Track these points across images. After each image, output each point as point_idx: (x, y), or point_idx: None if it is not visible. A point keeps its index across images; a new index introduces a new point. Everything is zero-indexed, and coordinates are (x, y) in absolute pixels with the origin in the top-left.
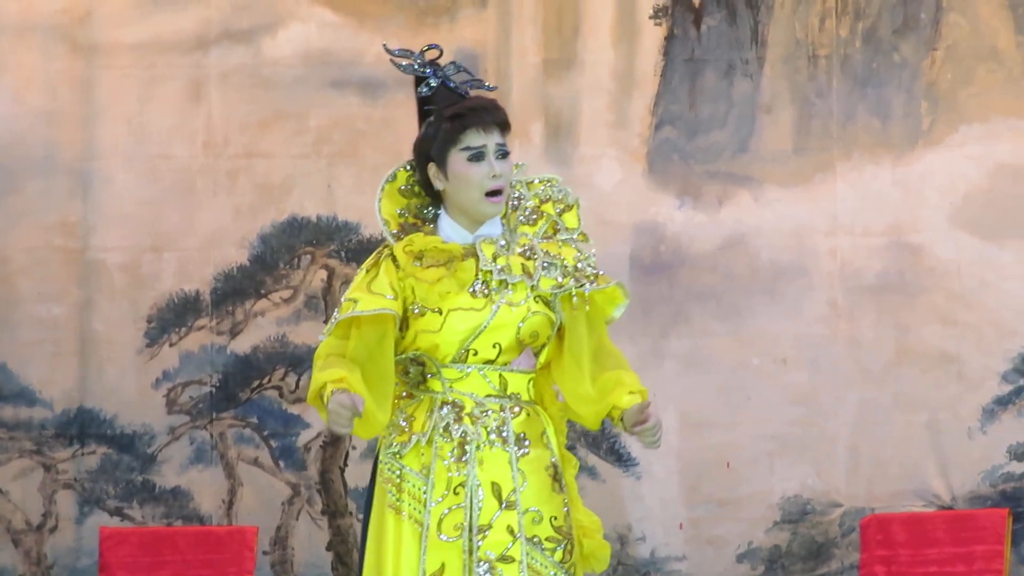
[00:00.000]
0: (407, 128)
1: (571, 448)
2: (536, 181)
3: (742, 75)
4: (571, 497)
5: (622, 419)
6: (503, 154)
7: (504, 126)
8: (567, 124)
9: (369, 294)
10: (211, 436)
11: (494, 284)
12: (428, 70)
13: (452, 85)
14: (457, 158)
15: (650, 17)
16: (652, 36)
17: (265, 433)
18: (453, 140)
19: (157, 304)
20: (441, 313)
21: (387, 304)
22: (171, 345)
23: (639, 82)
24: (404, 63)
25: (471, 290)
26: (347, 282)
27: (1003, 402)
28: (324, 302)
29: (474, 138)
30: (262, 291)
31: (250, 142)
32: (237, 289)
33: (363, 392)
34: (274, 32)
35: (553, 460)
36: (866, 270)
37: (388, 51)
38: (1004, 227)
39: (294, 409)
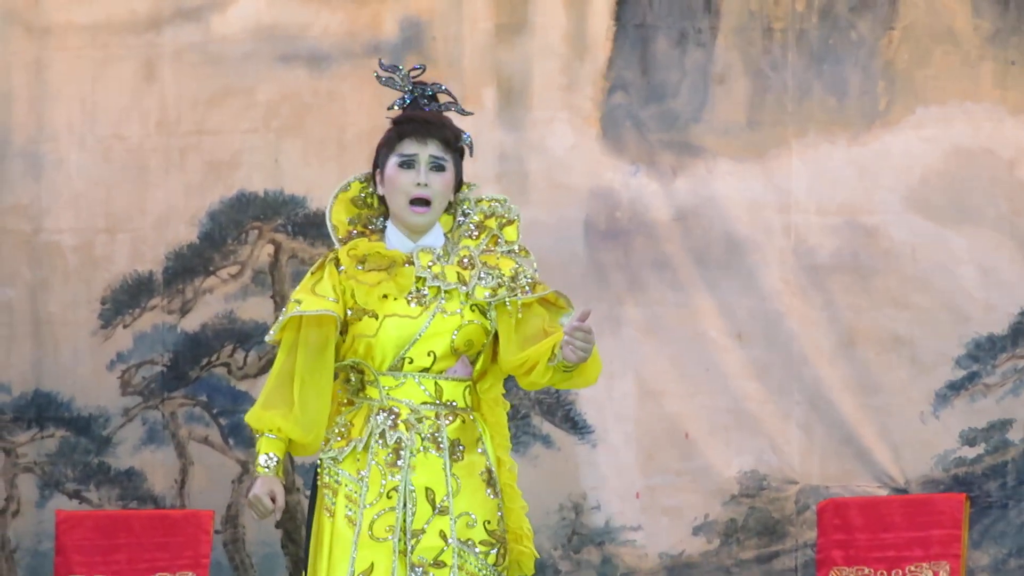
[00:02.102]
0: (352, 101)
1: (524, 416)
2: (484, 199)
3: (695, 44)
4: (508, 502)
5: (561, 347)
6: (437, 167)
7: (446, 141)
8: (519, 89)
9: (313, 296)
10: (163, 416)
11: (430, 294)
12: (408, 86)
13: (423, 104)
14: (391, 163)
15: None
16: (603, 0)
17: (215, 411)
18: (391, 146)
19: (111, 285)
20: (377, 318)
21: (329, 306)
22: (125, 326)
23: (591, 46)
24: (386, 76)
25: (408, 297)
26: (294, 256)
27: (956, 387)
28: (271, 276)
29: (409, 146)
30: (211, 268)
31: (200, 119)
32: (187, 267)
33: (294, 433)
34: (224, 8)
35: (488, 466)
36: (820, 248)
37: (380, 65)
38: (959, 211)
39: (242, 386)
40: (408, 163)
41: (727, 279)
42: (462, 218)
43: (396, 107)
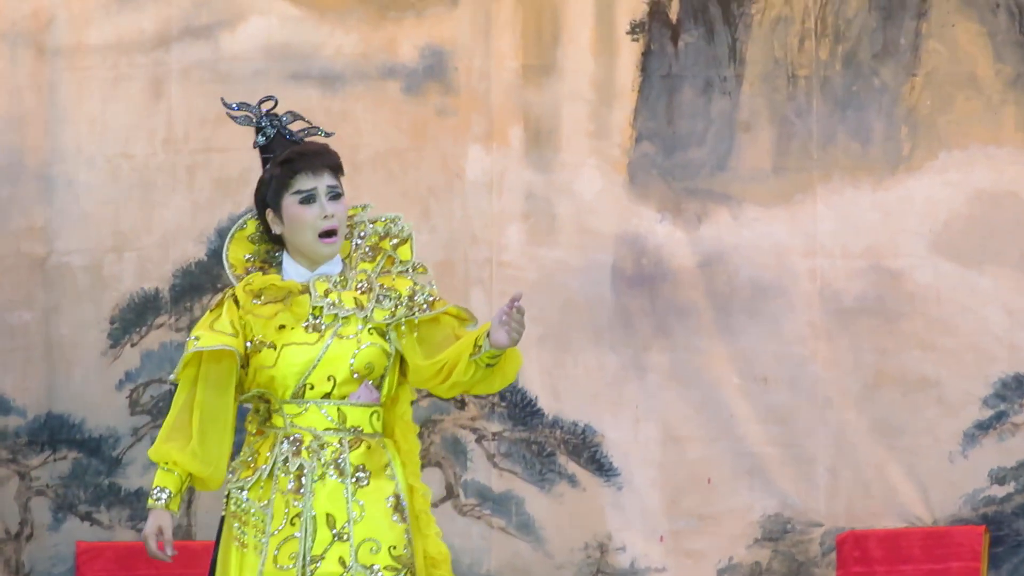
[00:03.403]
0: (366, 122)
1: (550, 454)
2: (380, 220)
3: (720, 92)
4: (420, 527)
5: (488, 337)
6: (335, 195)
7: (336, 168)
8: (547, 131)
9: (211, 332)
10: None
11: (326, 319)
12: (264, 120)
13: (287, 134)
14: (290, 202)
15: (627, 32)
16: (630, 51)
17: None
18: (285, 185)
19: (119, 304)
20: (276, 348)
21: (227, 341)
22: (132, 345)
23: (619, 94)
24: (240, 116)
25: (305, 325)
26: None
27: (984, 427)
28: None
29: (304, 182)
30: (219, 285)
31: (209, 136)
32: (195, 285)
33: (191, 466)
34: (234, 27)
35: (396, 491)
36: (845, 293)
37: (225, 105)
38: (983, 253)
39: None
40: (308, 198)
41: (752, 324)
42: (359, 240)
43: (259, 143)
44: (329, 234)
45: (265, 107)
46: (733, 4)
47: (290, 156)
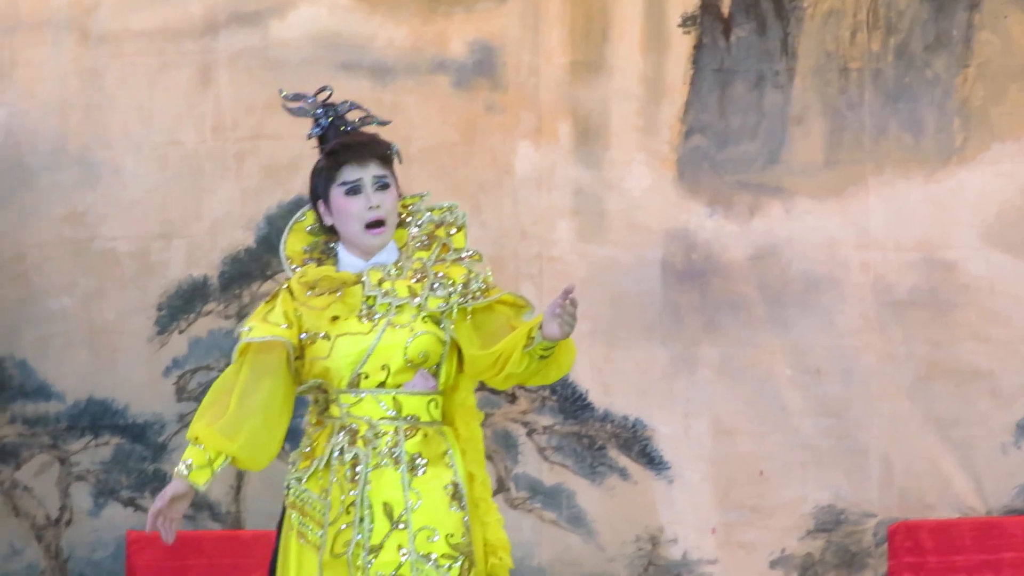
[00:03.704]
0: (418, 115)
1: (601, 448)
2: (436, 208)
3: (772, 86)
4: (480, 515)
5: (540, 328)
6: (382, 185)
7: (383, 158)
8: (596, 127)
9: (263, 323)
10: None
11: (380, 309)
12: (320, 110)
13: (342, 125)
14: (336, 193)
15: (679, 26)
16: (681, 45)
17: None
18: (332, 177)
19: (166, 291)
20: (330, 339)
21: (279, 332)
22: (180, 332)
23: (668, 90)
24: (294, 106)
25: (358, 315)
26: None
27: None
28: None
29: (350, 173)
30: (268, 272)
31: (257, 124)
32: (244, 272)
33: (215, 441)
34: (283, 14)
35: (454, 479)
36: (898, 285)
37: (282, 96)
38: None
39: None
40: (354, 189)
41: (804, 317)
42: (415, 229)
43: (314, 134)
44: (375, 225)
45: (321, 97)
46: None
47: (336, 147)
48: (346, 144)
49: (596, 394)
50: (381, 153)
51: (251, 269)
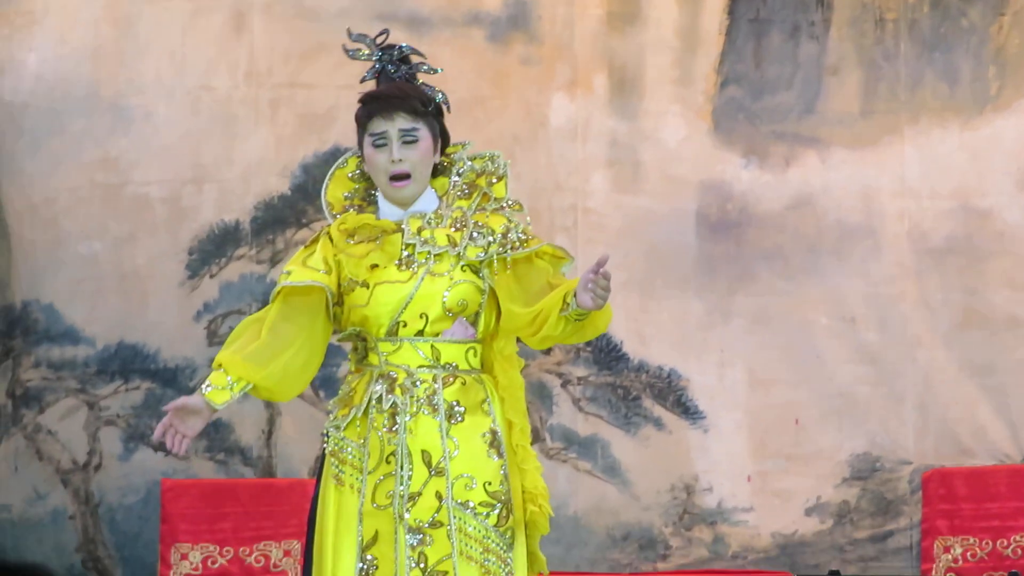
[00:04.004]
0: (453, 68)
1: (636, 398)
2: (478, 157)
3: (808, 36)
4: (519, 463)
5: (574, 295)
6: (409, 140)
7: (415, 112)
8: (631, 78)
9: (303, 268)
10: None
11: (419, 257)
12: (375, 54)
13: (391, 73)
14: (366, 144)
15: None
16: None
17: None
18: (363, 127)
19: (197, 236)
20: (368, 287)
21: (319, 278)
22: (211, 276)
23: (703, 40)
24: (352, 47)
25: (397, 263)
26: None
27: None
28: None
29: (377, 124)
30: (303, 220)
31: (293, 72)
32: (278, 218)
33: (243, 370)
34: None
35: (492, 427)
36: (934, 233)
37: (348, 35)
38: None
39: (333, 339)
40: (380, 142)
41: (839, 266)
42: (456, 178)
43: (367, 78)
44: (398, 178)
45: (379, 40)
46: None
47: (367, 97)
48: (376, 95)
49: (631, 345)
50: (411, 106)
51: (285, 216)
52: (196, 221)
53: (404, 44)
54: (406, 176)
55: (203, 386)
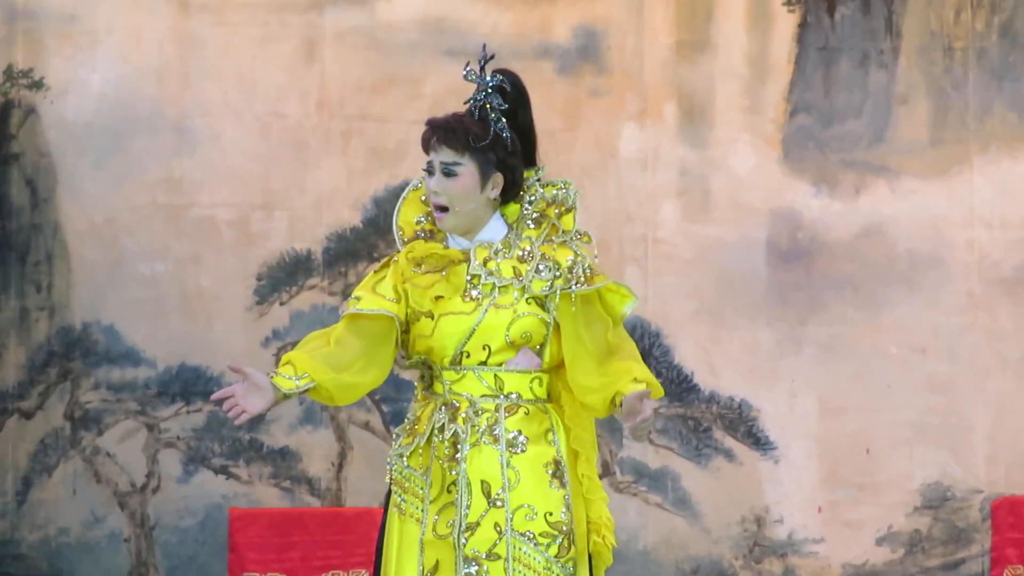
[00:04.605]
0: None
1: (706, 430)
2: (550, 185)
3: (877, 65)
4: (584, 493)
5: (621, 404)
6: (447, 172)
7: (458, 146)
8: (701, 107)
9: (372, 294)
10: None
11: (484, 288)
12: (480, 78)
13: (478, 98)
14: (423, 170)
15: (783, 4)
16: (785, 23)
17: (376, 397)
18: (425, 153)
19: (267, 262)
20: (433, 318)
21: (387, 306)
22: (281, 304)
23: (773, 68)
24: (466, 70)
25: (463, 294)
26: None
27: None
28: None
29: (429, 154)
30: (375, 254)
31: (364, 104)
32: (349, 250)
33: (310, 367)
34: None
35: (556, 457)
36: (1004, 263)
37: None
38: None
39: (406, 374)
40: (429, 170)
41: (909, 296)
42: (527, 207)
43: (466, 102)
44: (437, 209)
45: (479, 65)
46: None
47: (426, 125)
48: (429, 124)
49: (702, 375)
50: (454, 140)
51: (357, 248)
52: (265, 247)
53: (501, 76)
54: (444, 208)
55: (269, 373)
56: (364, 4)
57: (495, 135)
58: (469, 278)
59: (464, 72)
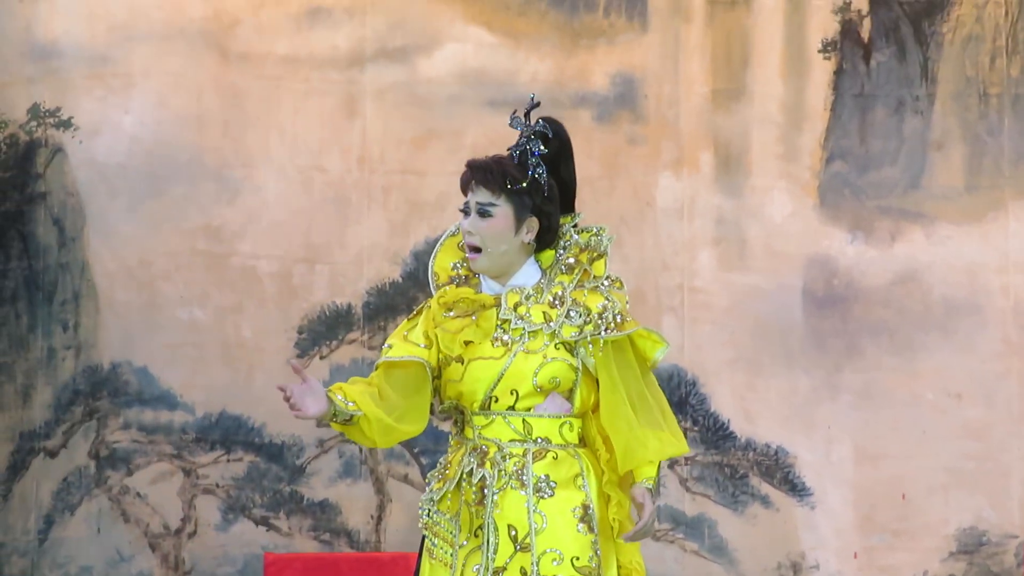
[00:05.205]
0: None
1: (743, 476)
2: (585, 231)
3: (912, 111)
4: (614, 537)
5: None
6: (482, 213)
7: (494, 187)
8: (737, 155)
9: (403, 342)
10: (360, 451)
11: (514, 333)
12: (525, 124)
13: (523, 143)
14: (460, 211)
15: (819, 51)
16: (821, 70)
17: (415, 450)
18: (462, 192)
19: (308, 315)
20: (463, 363)
21: (417, 352)
22: (322, 357)
23: (808, 115)
24: (514, 118)
25: (493, 339)
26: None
27: None
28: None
29: (466, 195)
30: (414, 307)
31: (405, 158)
32: (389, 304)
33: (358, 398)
34: (429, 51)
35: (585, 502)
36: None
37: (518, 115)
38: None
39: (444, 427)
40: (465, 210)
41: (945, 342)
42: (561, 252)
43: (509, 149)
44: (470, 250)
45: (526, 112)
46: (924, 23)
47: (465, 167)
48: (469, 164)
49: (738, 423)
50: (492, 181)
51: (397, 303)
52: (307, 300)
53: (545, 123)
54: (477, 249)
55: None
56: (405, 60)
57: (532, 179)
58: (500, 323)
59: (510, 119)
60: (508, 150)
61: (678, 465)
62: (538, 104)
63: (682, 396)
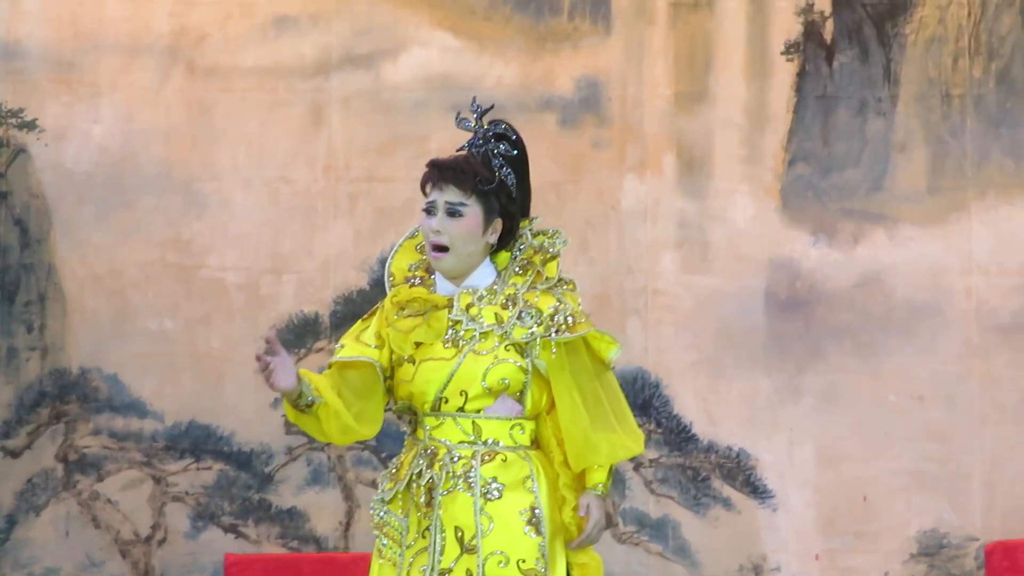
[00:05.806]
0: (529, 152)
1: (705, 479)
2: (541, 233)
3: (875, 113)
4: (566, 539)
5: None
6: (452, 213)
7: (464, 186)
8: (700, 157)
9: (355, 342)
10: (329, 458)
11: (465, 335)
12: (479, 126)
13: (479, 143)
14: (422, 211)
15: (782, 53)
16: (784, 72)
17: (383, 455)
18: (423, 192)
19: (276, 324)
20: (415, 363)
21: (368, 352)
22: None
23: (771, 118)
24: (462, 118)
25: (444, 340)
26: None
27: None
28: None
29: (430, 193)
30: None
31: (371, 166)
32: (357, 312)
33: (321, 386)
34: (395, 57)
35: (534, 504)
36: (1001, 309)
37: (462, 118)
38: None
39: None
40: (429, 209)
41: (908, 344)
42: (517, 253)
43: (460, 150)
44: (437, 248)
45: (479, 115)
46: (887, 24)
47: (428, 164)
48: (435, 163)
49: (700, 425)
50: (463, 180)
51: (364, 310)
52: (275, 310)
53: (505, 124)
54: (444, 248)
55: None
56: (369, 67)
57: (500, 180)
58: (451, 324)
59: (456, 121)
60: (463, 149)
61: (643, 467)
62: (491, 107)
63: (646, 398)
